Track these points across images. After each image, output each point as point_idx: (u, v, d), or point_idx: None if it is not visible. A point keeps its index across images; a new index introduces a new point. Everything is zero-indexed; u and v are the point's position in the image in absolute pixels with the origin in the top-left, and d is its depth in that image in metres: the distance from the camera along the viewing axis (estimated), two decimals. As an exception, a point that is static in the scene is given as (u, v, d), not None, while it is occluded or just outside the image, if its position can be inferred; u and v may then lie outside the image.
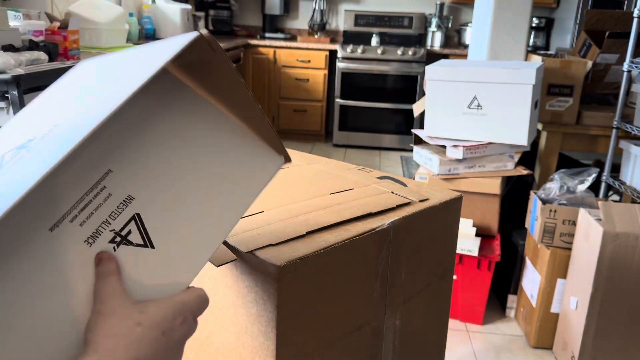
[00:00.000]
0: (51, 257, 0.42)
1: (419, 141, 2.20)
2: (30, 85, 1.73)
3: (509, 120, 1.93)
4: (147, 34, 3.70)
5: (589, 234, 1.67)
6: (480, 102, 1.96)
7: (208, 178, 0.51)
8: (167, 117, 0.49)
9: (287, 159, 0.58)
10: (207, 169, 0.51)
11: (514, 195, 2.29)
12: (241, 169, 0.53)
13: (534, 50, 4.08)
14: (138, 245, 0.46)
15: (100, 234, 0.44)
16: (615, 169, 2.14)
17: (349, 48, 4.46)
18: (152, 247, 0.47)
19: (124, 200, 0.45)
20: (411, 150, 2.74)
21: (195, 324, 0.49)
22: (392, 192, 0.92)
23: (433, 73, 2.02)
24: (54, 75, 1.52)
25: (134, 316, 0.44)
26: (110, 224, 0.45)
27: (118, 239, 0.45)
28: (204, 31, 0.46)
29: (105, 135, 0.44)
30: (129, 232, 0.46)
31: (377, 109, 4.58)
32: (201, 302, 0.50)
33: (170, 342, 0.45)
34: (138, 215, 0.46)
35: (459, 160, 2.00)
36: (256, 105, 0.52)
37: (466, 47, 4.73)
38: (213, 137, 0.51)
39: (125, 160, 0.46)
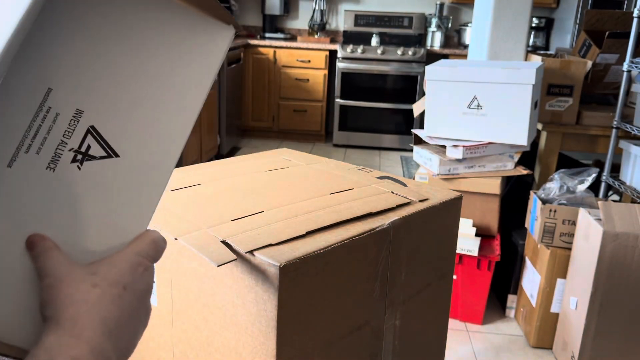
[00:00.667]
0: (17, 192, 0.41)
1: (418, 141, 2.20)
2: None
3: (509, 120, 1.93)
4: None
5: (588, 234, 1.67)
6: (480, 102, 1.96)
7: (154, 68, 0.47)
8: (91, 14, 0.44)
9: (237, 28, 0.52)
10: (150, 59, 0.47)
11: (514, 195, 2.29)
12: (189, 50, 0.49)
13: (533, 50, 4.08)
14: (102, 157, 0.44)
15: (60, 157, 0.43)
16: (615, 169, 2.14)
17: (349, 48, 4.47)
18: (117, 155, 0.45)
19: (73, 116, 0.43)
20: (411, 150, 2.74)
21: (153, 270, 0.47)
22: (392, 192, 0.92)
23: (433, 73, 2.02)
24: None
25: (87, 279, 0.42)
26: (66, 143, 0.43)
27: (79, 156, 0.44)
28: None
29: (32, 51, 0.41)
30: (89, 147, 0.44)
31: (377, 109, 4.59)
32: (156, 246, 0.47)
33: (135, 295, 0.44)
34: (92, 127, 0.44)
35: (458, 160, 2.00)
36: None
37: (466, 47, 4.73)
38: (147, 23, 0.47)
39: (62, 73, 0.43)
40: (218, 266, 0.65)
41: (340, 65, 4.50)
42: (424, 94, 2.11)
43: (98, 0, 0.44)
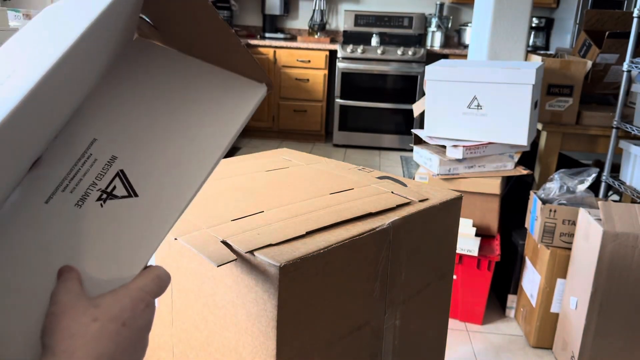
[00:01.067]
0: (49, 225, 0.46)
1: (418, 141, 2.20)
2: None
3: (509, 120, 1.93)
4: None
5: (588, 234, 1.67)
6: (480, 102, 1.96)
7: (186, 123, 0.52)
8: (143, 75, 0.51)
9: (270, 86, 0.58)
10: (184, 115, 0.52)
11: (514, 195, 2.29)
12: (220, 107, 0.54)
13: (533, 50, 4.08)
14: (123, 197, 0.49)
15: (88, 196, 0.48)
16: (615, 169, 2.14)
17: (349, 48, 4.47)
18: (137, 195, 0.49)
19: (108, 161, 0.49)
20: (411, 150, 2.74)
21: (155, 306, 0.48)
22: (392, 192, 0.92)
23: (433, 73, 2.02)
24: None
25: (89, 312, 0.42)
26: (96, 184, 0.48)
27: (104, 195, 0.48)
28: None
29: (86, 103, 0.48)
30: (114, 188, 0.48)
31: (377, 109, 4.59)
32: (160, 282, 0.48)
33: (134, 332, 0.44)
34: (122, 171, 0.49)
35: (458, 160, 2.00)
36: (231, 33, 0.52)
37: (466, 47, 4.73)
38: (187, 85, 0.53)
39: (108, 125, 0.49)
40: (218, 266, 0.65)
41: (340, 65, 4.50)
42: (424, 94, 2.11)
43: (151, 64, 0.51)
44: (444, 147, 2.08)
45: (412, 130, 2.21)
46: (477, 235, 2.01)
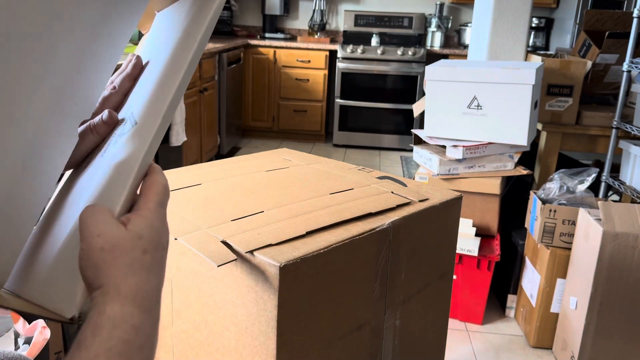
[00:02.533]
0: (94, 172, 0.49)
1: (418, 141, 2.20)
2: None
3: (509, 120, 1.94)
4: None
5: (588, 234, 1.67)
6: (480, 102, 1.96)
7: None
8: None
9: None
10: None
11: (514, 195, 2.29)
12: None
13: (533, 50, 4.08)
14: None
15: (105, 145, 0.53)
16: (615, 169, 2.14)
17: (349, 48, 4.47)
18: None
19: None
20: (411, 150, 2.74)
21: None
22: (392, 192, 0.92)
23: (433, 73, 2.02)
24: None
25: (137, 245, 0.42)
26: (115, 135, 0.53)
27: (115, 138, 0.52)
28: None
29: None
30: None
31: (377, 109, 4.59)
32: (167, 190, 0.48)
33: (166, 250, 0.46)
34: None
35: (458, 160, 2.00)
36: None
37: (466, 47, 4.73)
38: None
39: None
40: (218, 266, 0.65)
41: (340, 65, 4.50)
42: (424, 94, 2.11)
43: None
44: (444, 147, 2.08)
45: (412, 130, 2.21)
46: (477, 235, 2.01)
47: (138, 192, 0.47)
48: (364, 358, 0.82)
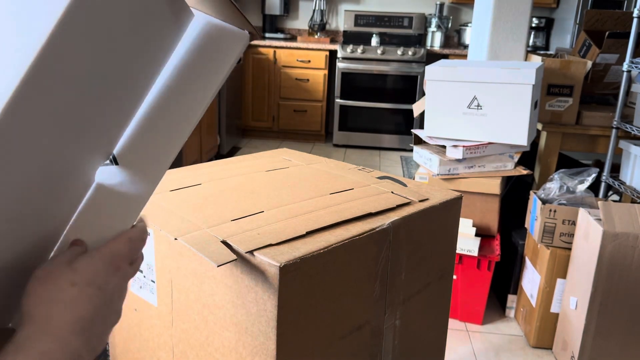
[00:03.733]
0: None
1: (418, 141, 2.20)
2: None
3: (509, 120, 1.94)
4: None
5: (588, 234, 1.67)
6: (480, 102, 1.96)
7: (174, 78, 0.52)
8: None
9: (254, 35, 0.55)
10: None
11: (514, 195, 2.29)
12: (203, 59, 0.52)
13: (533, 50, 4.08)
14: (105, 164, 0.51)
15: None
16: (615, 169, 2.14)
17: (349, 48, 4.47)
18: (117, 163, 0.50)
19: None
20: (411, 150, 2.74)
21: (133, 269, 0.49)
22: (392, 192, 0.92)
23: (433, 73, 2.02)
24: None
25: (67, 276, 0.43)
26: None
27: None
28: None
29: None
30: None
31: (377, 109, 4.59)
32: (132, 244, 0.49)
33: (108, 295, 0.45)
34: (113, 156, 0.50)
35: (458, 160, 2.00)
36: None
37: (466, 47, 4.73)
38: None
39: None
40: (218, 266, 0.65)
41: (340, 65, 4.50)
42: (424, 94, 2.11)
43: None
44: (444, 147, 2.08)
45: (412, 130, 2.21)
46: (477, 235, 2.01)
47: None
48: (364, 358, 0.82)
